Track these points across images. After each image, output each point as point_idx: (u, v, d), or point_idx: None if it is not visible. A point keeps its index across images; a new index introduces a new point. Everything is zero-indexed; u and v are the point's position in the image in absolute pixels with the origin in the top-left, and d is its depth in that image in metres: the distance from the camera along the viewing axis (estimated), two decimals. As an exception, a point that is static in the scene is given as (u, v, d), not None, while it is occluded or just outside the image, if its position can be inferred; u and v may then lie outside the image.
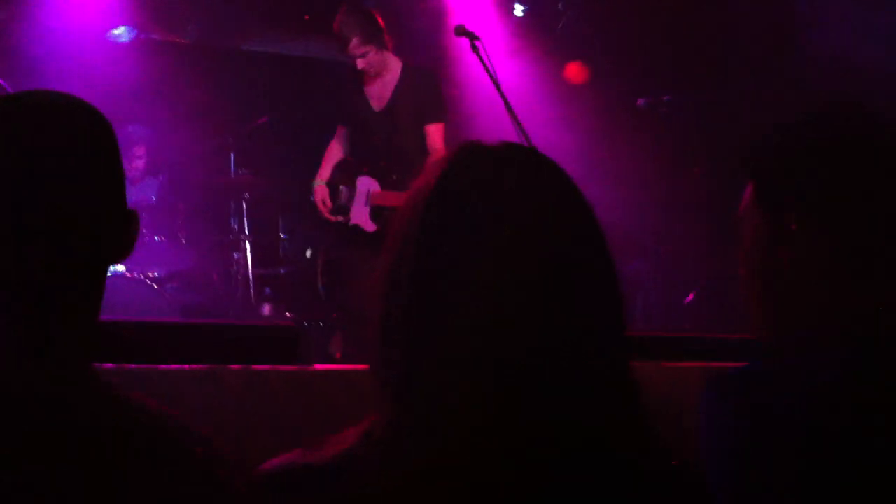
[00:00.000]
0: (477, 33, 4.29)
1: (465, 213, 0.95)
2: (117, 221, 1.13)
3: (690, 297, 5.04)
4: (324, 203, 4.64)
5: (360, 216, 4.62)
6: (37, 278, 1.05)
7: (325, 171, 4.73)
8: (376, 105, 4.64)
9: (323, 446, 0.98)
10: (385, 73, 4.61)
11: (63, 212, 1.06)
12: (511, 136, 4.16)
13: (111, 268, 3.07)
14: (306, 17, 6.47)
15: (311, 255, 5.05)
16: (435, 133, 4.50)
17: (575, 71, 6.15)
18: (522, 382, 0.92)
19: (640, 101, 5.35)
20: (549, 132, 5.54)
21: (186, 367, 2.84)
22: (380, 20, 4.58)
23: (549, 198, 0.98)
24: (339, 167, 4.73)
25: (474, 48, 4.26)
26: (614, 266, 0.99)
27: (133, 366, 2.66)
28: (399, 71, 4.60)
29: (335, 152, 4.80)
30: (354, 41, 4.45)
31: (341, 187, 4.68)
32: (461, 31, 4.31)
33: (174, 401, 1.16)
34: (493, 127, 4.96)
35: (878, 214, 1.18)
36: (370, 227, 4.59)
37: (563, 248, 0.96)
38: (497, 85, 4.17)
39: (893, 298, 1.17)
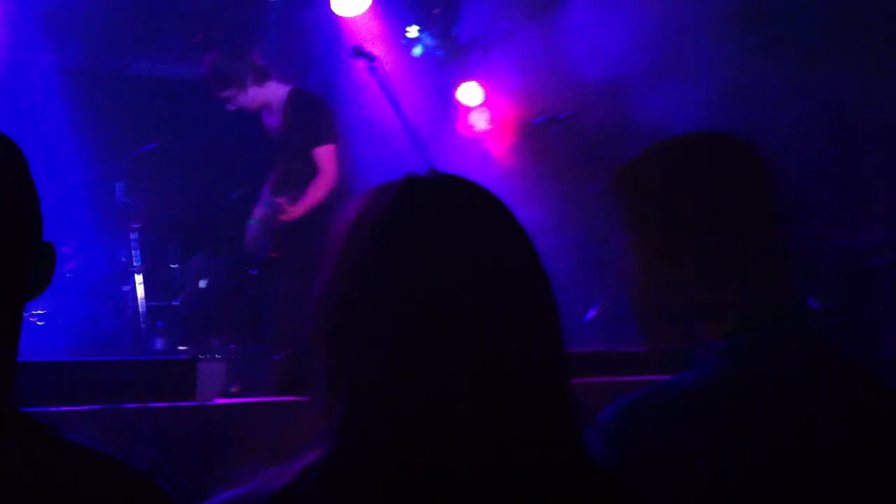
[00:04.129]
0: (373, 55, 4.26)
1: (405, 241, 0.96)
2: (33, 254, 1.10)
3: (592, 313, 5.06)
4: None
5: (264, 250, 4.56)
6: None
7: (257, 210, 4.73)
8: (275, 135, 4.58)
9: (264, 478, 0.97)
10: (272, 104, 4.54)
11: None
12: (411, 156, 4.13)
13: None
14: (195, 40, 6.30)
15: (208, 285, 4.88)
16: (323, 155, 4.44)
17: (470, 91, 6.16)
18: (462, 413, 0.92)
19: (536, 120, 5.37)
20: (447, 152, 5.54)
21: (81, 407, 2.68)
22: (238, 59, 4.49)
23: (485, 227, 0.99)
24: None
25: (372, 69, 4.22)
26: (550, 288, 1.01)
27: (26, 409, 2.49)
28: (285, 99, 4.52)
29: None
30: (215, 91, 4.48)
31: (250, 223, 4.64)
32: (358, 52, 4.26)
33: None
34: (390, 147, 4.90)
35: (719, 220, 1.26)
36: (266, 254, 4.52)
37: (499, 277, 0.96)
38: (396, 106, 4.14)
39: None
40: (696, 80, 4.66)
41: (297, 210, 4.38)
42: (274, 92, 4.53)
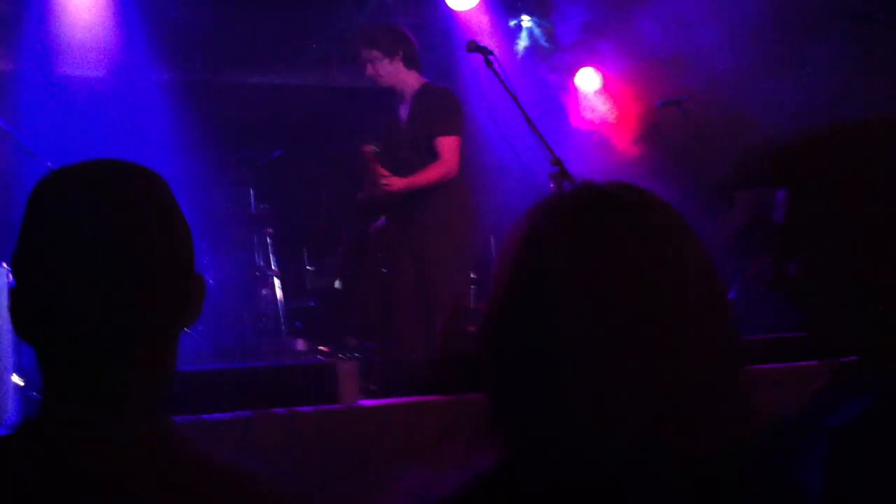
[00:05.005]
0: (489, 49, 4.26)
1: (586, 251, 0.96)
2: (188, 286, 1.15)
3: (731, 294, 4.95)
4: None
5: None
6: (113, 340, 1.08)
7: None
8: (402, 124, 4.66)
9: (432, 484, 0.99)
10: (406, 92, 4.62)
11: (135, 277, 1.09)
12: (533, 148, 4.11)
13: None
14: (313, 45, 6.45)
15: (341, 284, 5.01)
16: (446, 144, 4.46)
17: (588, 77, 6.09)
18: (653, 426, 0.92)
19: (658, 102, 5.28)
20: (568, 141, 5.51)
21: (230, 414, 2.80)
22: (397, 33, 4.63)
23: (660, 237, 0.98)
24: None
25: (488, 63, 4.22)
26: (723, 291, 1.00)
27: (177, 418, 2.62)
28: (417, 90, 4.60)
29: None
30: (362, 46, 4.58)
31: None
32: (474, 47, 4.27)
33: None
34: (510, 142, 4.91)
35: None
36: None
37: (672, 285, 0.96)
38: (515, 99, 4.13)
39: None
40: (808, 71, 4.52)
41: (400, 182, 4.40)
42: (411, 80, 4.60)
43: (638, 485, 0.91)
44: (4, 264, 3.43)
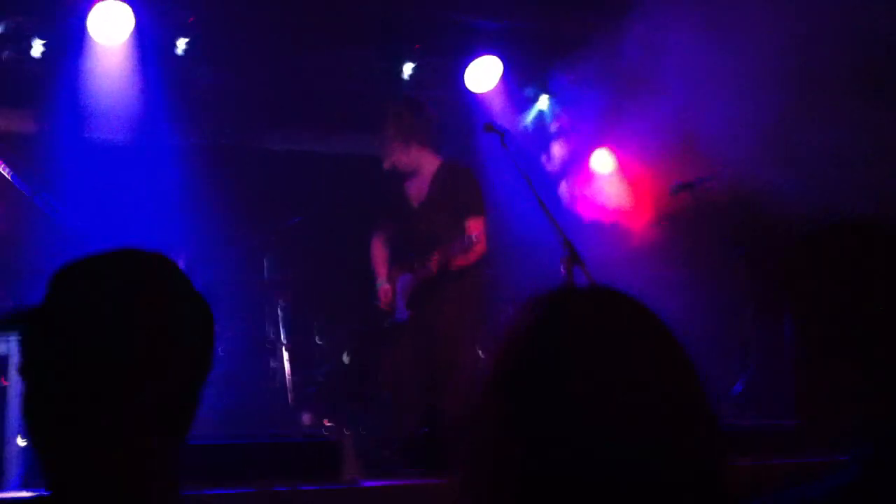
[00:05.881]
0: (505, 130, 4.33)
1: (565, 356, 0.98)
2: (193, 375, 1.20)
3: (739, 386, 4.89)
4: (386, 297, 4.75)
5: (401, 312, 4.69)
6: (116, 430, 1.12)
7: (382, 271, 4.81)
8: (415, 202, 4.71)
9: None
10: (421, 171, 4.69)
11: (145, 370, 1.14)
12: (545, 229, 4.13)
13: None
14: (334, 114, 6.53)
15: (350, 358, 5.00)
16: (475, 225, 4.53)
17: (602, 159, 6.14)
18: None
19: (674, 184, 5.30)
20: (581, 222, 5.54)
21: (233, 490, 2.79)
22: (413, 118, 4.71)
23: (640, 340, 1.01)
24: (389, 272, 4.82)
25: (504, 144, 4.29)
26: (704, 393, 1.02)
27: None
28: (436, 168, 4.67)
29: (380, 251, 4.86)
30: (384, 141, 4.67)
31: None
32: (490, 129, 4.34)
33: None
34: (523, 221, 4.94)
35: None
36: (404, 315, 4.66)
37: (656, 388, 0.98)
38: (528, 180, 4.17)
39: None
40: (811, 161, 4.55)
41: (459, 262, 4.49)
42: (427, 158, 4.69)
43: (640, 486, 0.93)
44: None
